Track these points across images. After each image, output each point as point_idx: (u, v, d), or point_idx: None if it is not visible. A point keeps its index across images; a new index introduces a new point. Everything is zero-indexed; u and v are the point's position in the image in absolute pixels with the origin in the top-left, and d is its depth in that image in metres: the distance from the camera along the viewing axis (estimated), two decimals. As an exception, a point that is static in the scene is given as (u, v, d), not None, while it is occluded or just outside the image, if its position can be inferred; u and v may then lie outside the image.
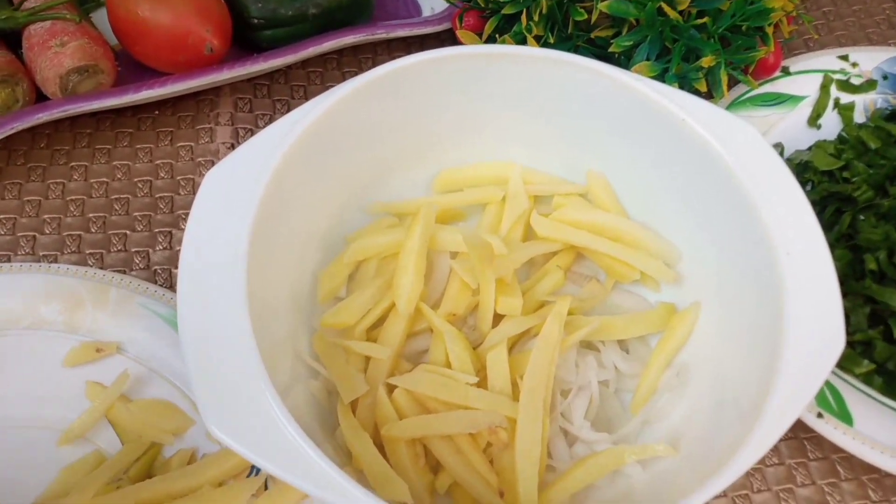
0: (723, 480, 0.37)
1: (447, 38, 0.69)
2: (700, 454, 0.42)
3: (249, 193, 0.41)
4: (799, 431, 0.53)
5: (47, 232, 0.58)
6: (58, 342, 0.49)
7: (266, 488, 0.45)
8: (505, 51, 0.48)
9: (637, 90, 0.46)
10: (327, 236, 0.51)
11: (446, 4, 0.68)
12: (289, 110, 0.65)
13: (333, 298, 0.50)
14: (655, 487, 0.44)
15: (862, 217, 0.54)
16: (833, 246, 0.53)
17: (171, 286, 0.55)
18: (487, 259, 0.48)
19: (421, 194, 0.55)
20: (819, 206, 0.57)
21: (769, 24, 0.58)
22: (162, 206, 0.60)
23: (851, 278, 0.53)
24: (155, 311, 0.50)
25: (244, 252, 0.40)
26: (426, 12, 0.74)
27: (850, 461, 0.52)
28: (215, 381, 0.37)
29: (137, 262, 0.57)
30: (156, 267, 0.57)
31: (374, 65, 0.69)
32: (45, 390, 0.48)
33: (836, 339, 0.40)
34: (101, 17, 0.66)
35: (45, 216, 0.58)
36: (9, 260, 0.56)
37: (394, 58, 0.69)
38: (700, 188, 0.48)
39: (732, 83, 0.64)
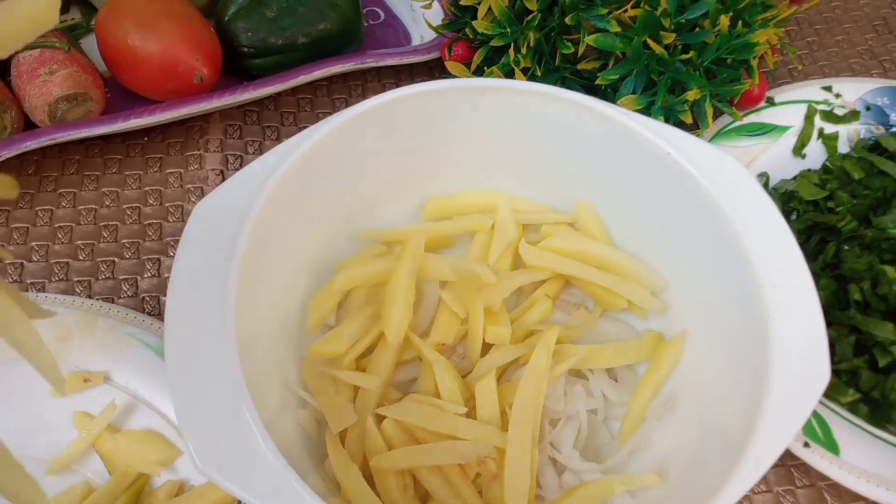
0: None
1: (436, 67, 0.70)
2: (688, 484, 0.42)
3: (239, 225, 0.41)
4: (786, 459, 0.53)
5: (35, 259, 0.58)
6: (45, 372, 0.49)
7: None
8: (494, 84, 0.48)
9: (622, 124, 0.47)
10: (317, 264, 0.51)
11: (435, 34, 0.69)
12: (279, 137, 0.65)
13: (322, 326, 0.51)
14: (644, 518, 0.44)
15: (846, 247, 0.55)
16: (818, 275, 0.54)
17: (159, 314, 0.55)
18: (476, 288, 0.48)
19: (410, 222, 0.55)
20: (804, 235, 0.58)
21: (754, 57, 0.59)
22: (150, 233, 0.60)
23: (836, 308, 0.53)
24: (143, 340, 0.50)
25: (233, 283, 0.40)
26: (416, 41, 0.74)
27: (837, 488, 0.52)
28: (201, 412, 0.37)
29: (125, 289, 0.57)
30: (144, 294, 0.57)
31: (364, 92, 0.70)
32: (32, 420, 0.48)
33: (821, 371, 0.40)
34: (90, 43, 0.66)
35: (33, 243, 0.58)
36: (-4, 288, 0.55)
37: (384, 85, 0.70)
38: (685, 220, 0.48)
39: (718, 114, 0.65)
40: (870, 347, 0.51)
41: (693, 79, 0.56)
